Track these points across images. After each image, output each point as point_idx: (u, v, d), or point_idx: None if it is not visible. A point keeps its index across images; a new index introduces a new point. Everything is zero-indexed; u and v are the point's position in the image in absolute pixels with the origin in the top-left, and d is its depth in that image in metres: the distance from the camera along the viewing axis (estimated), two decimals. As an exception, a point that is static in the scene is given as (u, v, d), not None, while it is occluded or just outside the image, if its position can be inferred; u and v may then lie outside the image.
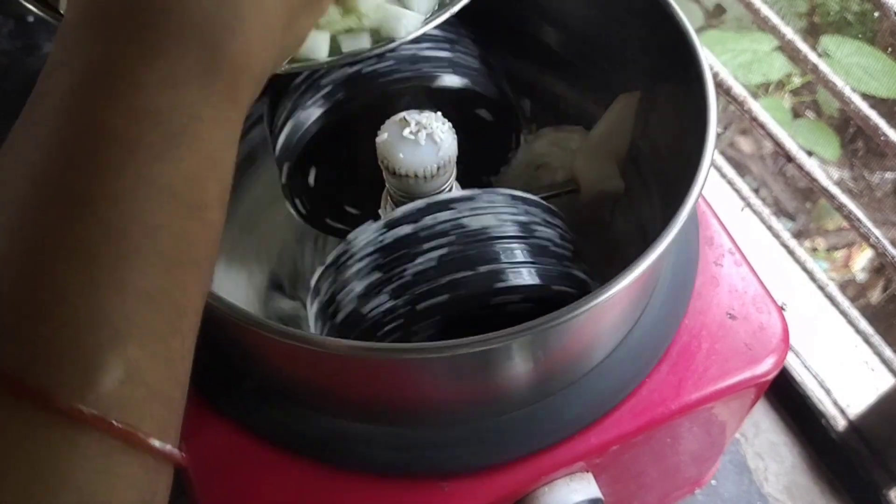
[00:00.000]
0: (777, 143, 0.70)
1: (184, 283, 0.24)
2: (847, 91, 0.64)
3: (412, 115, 0.44)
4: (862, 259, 0.92)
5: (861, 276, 0.92)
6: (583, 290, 0.42)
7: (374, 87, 0.48)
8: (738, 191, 0.82)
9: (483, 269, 0.40)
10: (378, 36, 0.41)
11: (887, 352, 0.73)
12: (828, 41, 0.85)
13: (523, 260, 0.41)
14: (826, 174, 0.69)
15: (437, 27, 0.50)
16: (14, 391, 0.21)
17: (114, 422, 0.21)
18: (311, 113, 0.48)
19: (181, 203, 0.24)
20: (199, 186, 0.25)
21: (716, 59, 0.78)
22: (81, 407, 0.21)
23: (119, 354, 0.22)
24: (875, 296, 0.90)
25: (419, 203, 0.42)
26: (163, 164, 0.24)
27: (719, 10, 1.04)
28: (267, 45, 0.28)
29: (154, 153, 0.24)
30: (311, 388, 0.45)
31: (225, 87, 0.26)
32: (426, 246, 0.41)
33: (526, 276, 0.40)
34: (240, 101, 0.27)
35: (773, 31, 0.69)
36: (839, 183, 0.71)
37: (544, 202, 0.44)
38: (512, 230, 0.41)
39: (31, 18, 1.06)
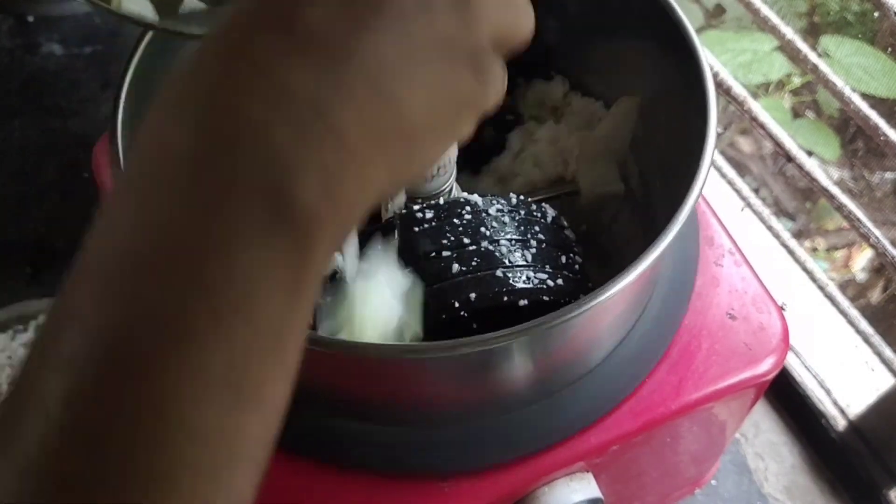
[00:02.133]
0: (777, 143, 0.70)
1: (231, 484, 0.21)
2: (847, 91, 0.64)
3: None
4: (862, 259, 0.92)
5: (861, 276, 0.92)
6: (582, 292, 0.42)
7: None
8: (738, 191, 0.82)
9: (489, 274, 0.40)
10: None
11: (887, 352, 0.73)
12: (828, 41, 0.85)
13: (525, 264, 0.41)
14: (826, 174, 0.69)
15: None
16: None
17: None
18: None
19: (232, 393, 0.20)
20: (254, 368, 0.21)
21: (716, 59, 0.78)
22: None
23: None
24: (875, 296, 0.90)
25: (428, 205, 0.42)
26: (211, 352, 0.20)
27: (719, 10, 1.04)
28: (356, 184, 0.22)
29: (202, 339, 0.20)
30: (311, 387, 0.44)
31: (292, 242, 0.21)
32: (432, 249, 0.41)
33: (531, 282, 0.40)
34: (313, 258, 0.21)
35: (773, 31, 0.69)
36: (839, 183, 0.71)
37: (546, 205, 0.44)
38: (515, 236, 0.41)
39: (31, 17, 1.06)
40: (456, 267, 0.40)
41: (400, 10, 0.23)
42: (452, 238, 0.40)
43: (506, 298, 0.40)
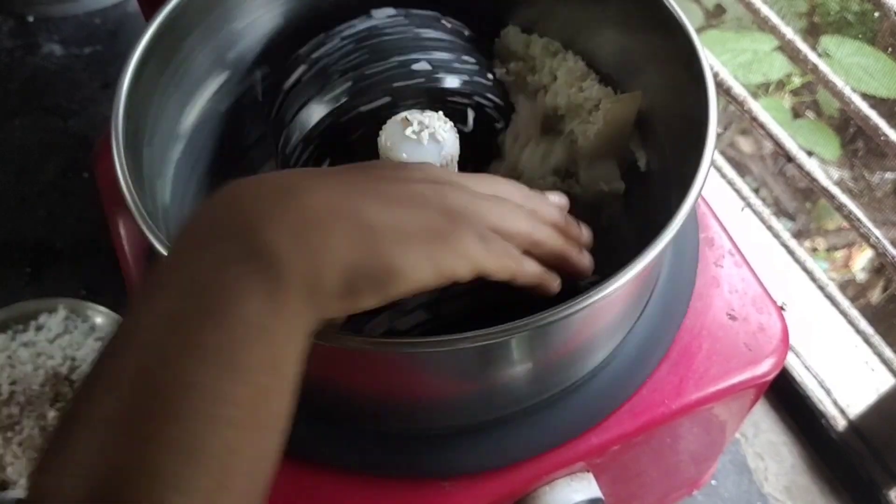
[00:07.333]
0: (777, 143, 0.70)
1: (229, 443, 0.26)
2: (847, 91, 0.64)
3: (414, 115, 0.44)
4: (862, 259, 0.92)
5: (861, 276, 0.92)
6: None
7: (378, 91, 0.48)
8: (738, 191, 0.82)
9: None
10: None
11: (887, 352, 0.73)
12: (828, 41, 0.85)
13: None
14: (826, 174, 0.69)
15: (436, 30, 0.50)
16: None
17: None
18: (313, 114, 0.48)
19: (220, 364, 0.26)
20: (240, 350, 0.27)
21: (716, 59, 0.78)
22: None
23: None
24: (875, 296, 0.90)
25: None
26: (202, 331, 0.27)
27: (719, 10, 1.04)
28: (319, 241, 0.29)
29: (195, 322, 0.27)
30: (311, 388, 0.44)
31: (264, 273, 0.28)
32: None
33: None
34: (286, 292, 0.28)
35: (773, 31, 0.69)
36: (839, 183, 0.71)
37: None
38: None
39: (31, 18, 1.06)
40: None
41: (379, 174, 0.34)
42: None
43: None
